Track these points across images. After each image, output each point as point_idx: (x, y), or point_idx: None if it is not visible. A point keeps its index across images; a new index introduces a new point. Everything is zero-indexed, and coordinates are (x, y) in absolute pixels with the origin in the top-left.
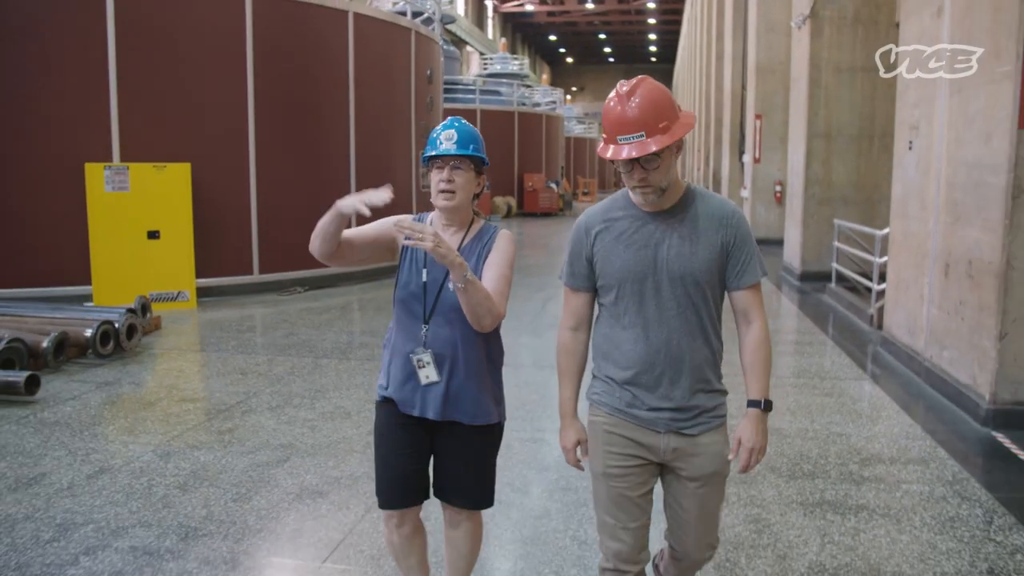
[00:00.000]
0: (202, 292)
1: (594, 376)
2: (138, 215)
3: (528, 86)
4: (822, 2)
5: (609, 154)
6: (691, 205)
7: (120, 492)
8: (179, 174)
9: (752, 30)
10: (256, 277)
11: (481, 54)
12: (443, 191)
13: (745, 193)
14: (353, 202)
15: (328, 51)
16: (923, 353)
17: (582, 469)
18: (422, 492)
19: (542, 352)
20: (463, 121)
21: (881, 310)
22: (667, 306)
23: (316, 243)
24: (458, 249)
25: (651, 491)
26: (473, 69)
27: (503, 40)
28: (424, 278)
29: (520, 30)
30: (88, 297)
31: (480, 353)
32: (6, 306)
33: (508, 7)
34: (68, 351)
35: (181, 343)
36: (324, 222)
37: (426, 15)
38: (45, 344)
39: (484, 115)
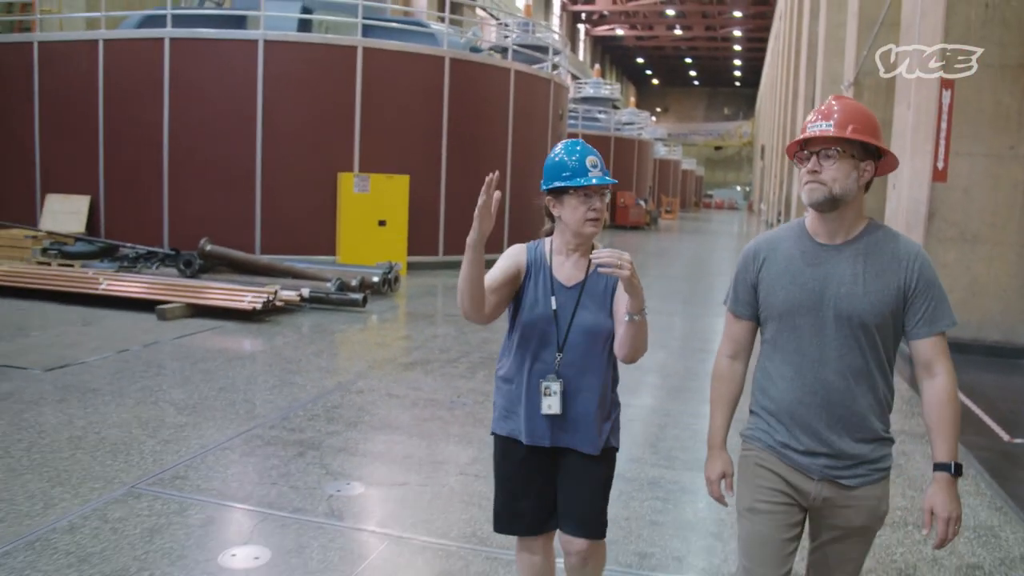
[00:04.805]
0: (408, 265)
1: (751, 411)
2: (372, 209)
3: (616, 107)
4: (863, 74)
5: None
6: (871, 242)
7: (459, 341)
8: (401, 182)
9: (818, 80)
10: (440, 257)
11: (574, 77)
12: (592, 219)
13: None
14: (480, 210)
15: (495, 98)
16: None
17: (725, 504)
18: (550, 523)
19: None
20: (586, 144)
21: None
22: (830, 346)
23: (466, 298)
24: (586, 275)
25: (797, 537)
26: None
27: (596, 66)
28: (554, 305)
29: (609, 52)
30: (333, 264)
31: (606, 379)
32: (293, 261)
33: (599, 31)
34: (363, 288)
35: (416, 292)
36: (464, 267)
37: (557, 61)
38: (353, 283)
39: (585, 139)
